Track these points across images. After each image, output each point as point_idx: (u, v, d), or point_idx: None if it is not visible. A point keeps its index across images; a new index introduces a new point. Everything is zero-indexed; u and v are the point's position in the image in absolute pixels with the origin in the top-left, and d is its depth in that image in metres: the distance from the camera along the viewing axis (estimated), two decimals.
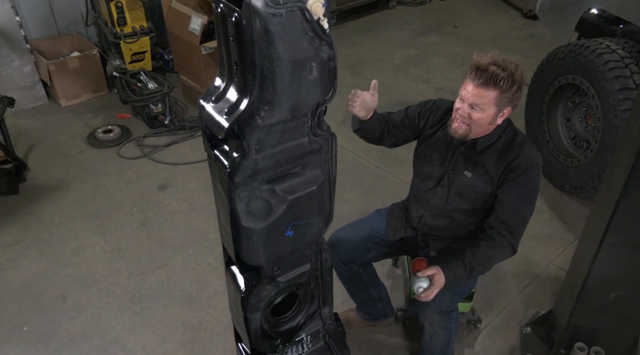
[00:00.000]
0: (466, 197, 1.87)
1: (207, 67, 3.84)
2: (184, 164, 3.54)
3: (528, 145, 1.79)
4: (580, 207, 3.09)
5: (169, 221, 3.04)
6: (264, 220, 1.54)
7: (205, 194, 3.25)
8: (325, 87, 1.42)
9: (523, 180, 1.75)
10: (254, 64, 1.28)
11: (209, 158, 1.56)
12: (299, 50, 1.31)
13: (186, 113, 4.15)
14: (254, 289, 1.72)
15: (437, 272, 1.77)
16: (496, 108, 1.69)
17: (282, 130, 1.43)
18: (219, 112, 1.38)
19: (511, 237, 1.79)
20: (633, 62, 2.59)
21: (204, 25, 3.73)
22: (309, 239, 1.70)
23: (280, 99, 1.35)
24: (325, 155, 1.58)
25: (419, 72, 4.76)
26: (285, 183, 1.55)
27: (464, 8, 6.24)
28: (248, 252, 1.59)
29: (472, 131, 1.75)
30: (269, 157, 1.45)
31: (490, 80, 1.63)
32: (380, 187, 3.24)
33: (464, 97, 1.71)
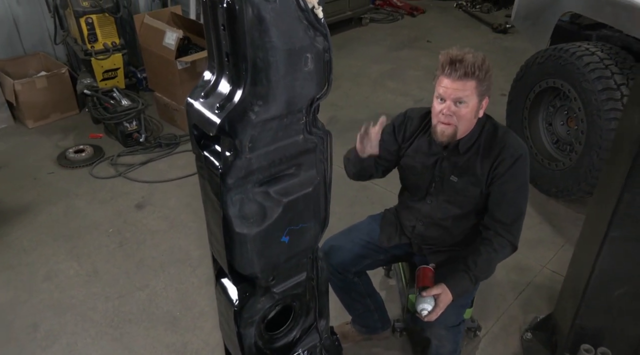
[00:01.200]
0: (456, 202, 1.81)
1: (183, 82, 3.74)
2: (161, 182, 3.40)
3: (511, 137, 1.75)
4: (567, 211, 3.08)
5: (148, 241, 2.89)
6: (258, 225, 1.45)
7: (185, 212, 3.11)
8: (320, 81, 1.35)
9: (512, 174, 1.71)
10: (247, 55, 1.20)
11: (197, 161, 1.46)
12: (294, 39, 1.24)
13: (162, 131, 4.02)
14: (248, 301, 1.61)
15: (442, 292, 1.69)
16: (477, 98, 1.65)
17: (277, 128, 1.35)
18: (210, 107, 1.29)
19: (509, 235, 1.74)
20: (612, 63, 2.63)
21: (179, 39, 3.64)
22: (305, 245, 1.60)
23: (275, 92, 1.27)
24: (321, 155, 1.50)
25: (395, 85, 4.77)
26: (280, 185, 1.46)
27: (435, 24, 6.34)
28: (242, 260, 1.48)
29: (459, 129, 1.69)
30: (263, 157, 1.37)
31: (468, 70, 1.59)
32: (367, 198, 3.18)
33: (444, 95, 1.64)
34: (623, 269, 1.73)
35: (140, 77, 4.54)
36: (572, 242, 2.84)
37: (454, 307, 1.75)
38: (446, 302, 1.69)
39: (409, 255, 2.01)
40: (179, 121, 3.97)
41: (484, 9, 6.64)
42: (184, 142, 3.85)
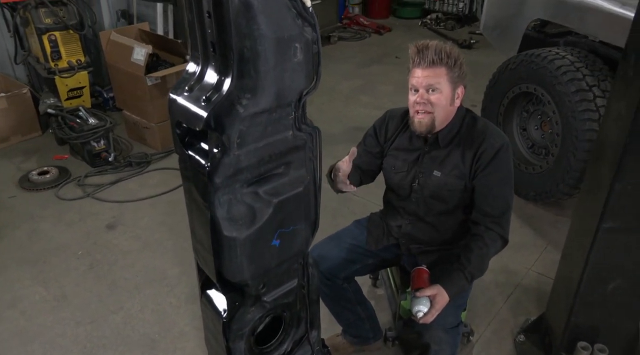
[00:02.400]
0: (441, 197, 1.78)
1: (153, 98, 3.64)
2: (133, 201, 3.26)
3: (491, 128, 1.75)
4: (546, 213, 3.10)
5: (120, 262, 2.73)
6: (247, 227, 1.36)
7: (159, 230, 2.98)
8: (309, 73, 1.30)
9: (495, 165, 1.69)
10: (234, 44, 1.14)
11: (181, 163, 1.37)
12: (283, 28, 1.19)
13: (132, 150, 3.88)
14: (237, 311, 1.51)
15: (438, 293, 1.64)
16: (450, 85, 1.64)
17: (266, 122, 1.29)
18: (195, 101, 1.22)
19: (498, 228, 1.72)
20: (583, 66, 2.69)
21: (148, 55, 3.55)
22: (296, 249, 1.53)
23: (264, 83, 1.21)
24: (310, 153, 1.44)
25: (368, 99, 4.79)
26: (269, 185, 1.39)
27: (402, 41, 6.45)
28: (231, 266, 1.39)
29: (436, 118, 1.68)
30: (252, 153, 1.30)
31: (436, 56, 1.59)
32: (348, 209, 3.12)
33: (417, 84, 1.64)
34: (616, 262, 1.72)
35: (106, 96, 4.40)
36: (553, 243, 2.86)
37: (452, 308, 1.70)
38: (442, 303, 1.64)
39: (397, 258, 1.96)
40: (149, 140, 3.85)
41: (448, 26, 6.82)
42: (155, 160, 3.72)
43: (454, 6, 7.05)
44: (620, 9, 2.50)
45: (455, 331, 1.72)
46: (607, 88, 2.63)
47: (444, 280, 1.67)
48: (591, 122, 2.60)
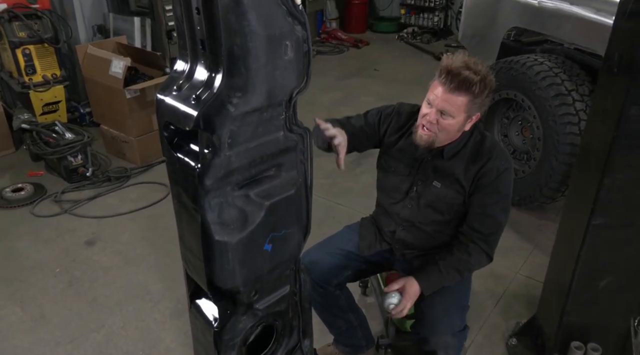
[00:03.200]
0: (438, 208, 1.75)
1: (132, 111, 3.57)
2: (112, 216, 3.17)
3: (498, 149, 1.69)
4: (529, 218, 3.13)
5: (101, 278, 2.64)
6: (239, 231, 1.33)
7: (141, 245, 2.89)
8: (300, 72, 1.28)
9: (495, 186, 1.66)
10: (224, 41, 1.12)
11: (169, 166, 1.33)
12: (274, 25, 1.17)
13: (110, 165, 3.79)
14: (229, 320, 1.46)
15: (406, 283, 1.66)
16: (466, 114, 1.58)
17: (257, 122, 1.26)
18: (185, 100, 1.18)
19: (485, 245, 1.70)
20: (561, 71, 2.75)
21: (127, 68, 3.50)
22: (288, 254, 1.49)
23: (255, 81, 1.19)
24: (301, 154, 1.42)
25: (349, 110, 4.74)
26: (261, 187, 1.36)
27: (379, 55, 6.53)
28: (223, 272, 1.35)
29: (437, 138, 1.64)
30: (243, 154, 1.27)
31: (462, 84, 1.51)
32: (333, 218, 3.09)
33: (433, 102, 1.58)
34: (607, 258, 1.73)
35: (83, 111, 4.31)
36: (539, 247, 2.88)
37: (457, 311, 1.69)
38: (412, 292, 1.66)
39: (390, 263, 1.93)
40: (128, 154, 3.77)
41: (424, 39, 6.93)
42: (135, 175, 3.64)
43: (429, 20, 7.18)
44: (595, 15, 2.56)
45: (462, 335, 1.69)
46: (585, 92, 2.69)
47: (417, 274, 1.69)
48: (571, 125, 2.65)
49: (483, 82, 1.53)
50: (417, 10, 7.26)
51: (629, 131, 1.49)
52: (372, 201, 2.09)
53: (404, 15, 7.43)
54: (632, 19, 1.41)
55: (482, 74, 1.53)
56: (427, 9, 7.14)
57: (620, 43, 1.48)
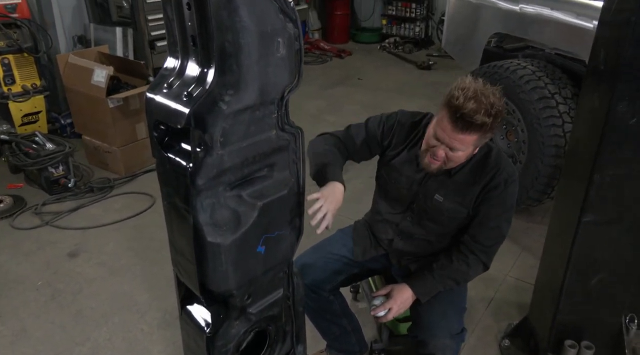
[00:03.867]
0: (439, 221, 1.72)
1: (115, 121, 3.51)
2: (96, 227, 3.09)
3: (504, 161, 1.64)
4: (516, 221, 3.08)
5: (85, 290, 2.57)
6: (232, 232, 1.30)
7: (126, 256, 2.83)
8: (292, 70, 1.27)
9: (501, 199, 1.62)
10: (216, 37, 1.10)
11: (159, 167, 1.30)
12: (266, 21, 1.16)
13: (93, 176, 3.71)
14: (222, 325, 1.42)
15: (393, 288, 1.66)
16: (474, 147, 1.55)
17: (249, 120, 1.24)
18: (176, 98, 1.16)
19: (485, 256, 1.69)
20: (544, 75, 2.79)
21: (109, 76, 3.45)
22: (281, 256, 1.47)
23: (247, 78, 1.17)
24: (293, 154, 1.40)
25: (334, 118, 4.81)
26: (253, 187, 1.34)
27: (362, 64, 6.58)
28: (215, 275, 1.32)
29: (446, 167, 1.60)
30: (235, 154, 1.25)
31: (473, 126, 1.43)
32: None
33: (441, 139, 1.51)
34: (598, 255, 1.74)
35: (64, 123, 4.23)
36: (527, 249, 2.90)
37: (454, 313, 1.68)
38: (400, 296, 1.65)
39: (385, 268, 1.91)
40: (111, 164, 3.70)
41: (406, 49, 7.01)
42: (118, 185, 3.57)
43: (410, 30, 7.27)
44: (575, 19, 2.62)
45: (460, 338, 1.66)
46: (568, 95, 2.73)
47: (410, 279, 1.68)
48: (555, 127, 2.68)
49: (497, 119, 1.46)
50: (399, 21, 7.36)
51: (616, 127, 1.51)
52: (362, 206, 2.08)
53: (386, 26, 7.52)
54: (617, 16, 1.43)
55: (495, 112, 1.44)
56: (408, 19, 7.23)
57: (606, 41, 1.51)
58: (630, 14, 1.34)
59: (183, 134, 1.23)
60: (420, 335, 1.64)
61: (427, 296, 1.67)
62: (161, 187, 1.34)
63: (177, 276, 1.48)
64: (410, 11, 7.15)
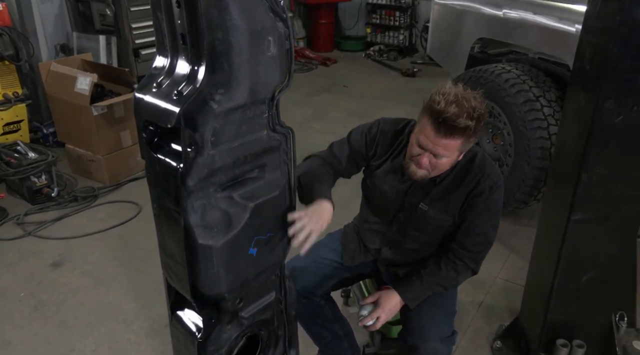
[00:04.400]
0: (425, 230, 1.71)
1: (100, 129, 3.46)
2: (80, 237, 3.03)
3: (489, 166, 1.62)
4: (504, 224, 3.15)
5: (69, 300, 2.51)
6: (224, 234, 1.28)
7: (112, 265, 2.77)
8: (282, 69, 1.27)
9: (487, 205, 1.61)
10: (206, 34, 1.09)
11: (149, 169, 1.28)
12: (256, 19, 1.15)
13: (76, 185, 3.65)
14: (214, 330, 1.39)
15: (380, 295, 1.66)
16: (459, 152, 1.52)
17: (240, 120, 1.23)
18: (166, 97, 1.15)
19: (473, 263, 1.69)
20: (528, 78, 2.83)
21: (93, 84, 3.40)
22: (273, 259, 1.45)
23: (238, 77, 1.16)
24: (284, 155, 1.39)
25: (320, 126, 4.81)
26: (244, 188, 1.33)
27: (347, 72, 6.61)
28: (207, 278, 1.29)
29: (432, 174, 1.57)
30: (226, 154, 1.23)
31: (456, 131, 1.41)
32: None
33: (425, 146, 1.48)
34: (588, 253, 1.75)
35: (46, 132, 4.17)
36: (515, 251, 2.91)
37: (444, 317, 1.67)
38: (388, 303, 1.65)
39: (375, 272, 1.90)
40: (96, 173, 3.64)
41: (391, 57, 7.07)
42: (103, 194, 3.51)
43: (394, 38, 7.34)
44: (558, 23, 2.66)
45: (450, 341, 1.65)
46: (552, 98, 2.77)
47: (398, 286, 1.68)
48: (541, 130, 2.71)
49: (479, 123, 1.44)
50: (383, 29, 7.42)
51: (602, 126, 1.53)
52: (349, 212, 2.07)
53: (370, 34, 7.58)
54: (602, 15, 1.46)
55: (477, 115, 1.42)
56: (392, 27, 7.30)
57: (591, 40, 1.53)
58: (615, 13, 1.37)
59: (173, 134, 1.21)
60: (410, 339, 1.62)
61: (415, 302, 1.66)
62: (150, 190, 1.32)
63: (167, 281, 1.46)
64: (394, 19, 7.22)
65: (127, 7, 4.49)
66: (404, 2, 7.08)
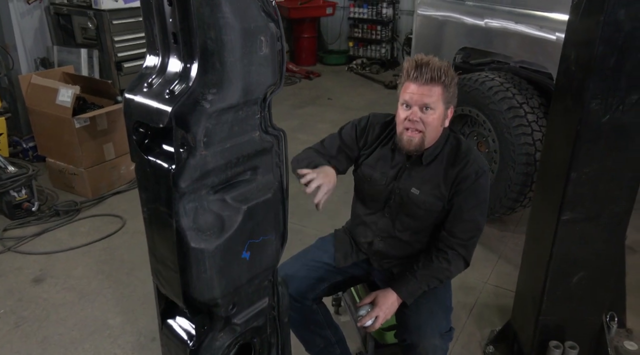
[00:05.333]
0: (417, 215, 1.72)
1: (82, 141, 3.40)
2: (63, 251, 2.96)
3: (474, 153, 1.69)
4: (490, 230, 3.19)
5: (52, 316, 2.43)
6: (216, 237, 1.26)
7: (96, 279, 2.70)
8: (274, 69, 1.26)
9: (473, 190, 1.65)
10: (199, 33, 1.08)
11: (139, 172, 1.25)
12: (249, 18, 1.15)
13: (57, 200, 3.57)
14: (206, 337, 1.36)
15: (377, 295, 1.67)
16: (444, 106, 1.60)
17: (233, 121, 1.22)
18: (157, 96, 1.13)
19: (464, 250, 1.70)
20: (511, 86, 2.88)
21: (75, 96, 3.35)
22: (266, 263, 1.43)
23: (230, 76, 1.16)
24: (277, 157, 1.38)
25: (307, 137, 4.80)
26: (237, 191, 1.31)
27: (332, 85, 6.65)
28: (199, 283, 1.26)
29: (426, 137, 1.62)
30: (219, 154, 1.22)
31: (435, 73, 1.54)
32: (300, 241, 3.01)
33: (411, 101, 1.58)
34: (578, 253, 1.76)
35: (26, 146, 4.08)
36: (503, 257, 2.93)
37: (441, 312, 1.67)
38: (386, 304, 1.64)
39: (367, 274, 1.89)
40: (78, 187, 3.57)
41: (373, 70, 7.14)
42: (85, 208, 3.44)
43: (377, 52, 7.42)
44: (538, 31, 2.72)
45: (449, 336, 1.65)
46: (535, 105, 2.82)
47: (394, 283, 1.68)
48: (525, 136, 2.75)
49: (450, 71, 1.59)
50: (365, 43, 7.51)
51: (590, 125, 1.55)
52: (337, 221, 2.06)
53: (352, 48, 7.66)
54: (586, 16, 1.49)
55: (447, 68, 1.58)
56: (374, 41, 7.39)
57: (576, 41, 1.56)
58: (599, 14, 1.40)
59: (164, 135, 1.20)
60: (409, 338, 1.61)
61: (412, 297, 1.66)
62: (140, 194, 1.29)
63: (157, 288, 1.42)
64: (376, 34, 7.31)
65: (109, 20, 4.47)
66: (385, 16, 7.19)
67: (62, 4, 4.82)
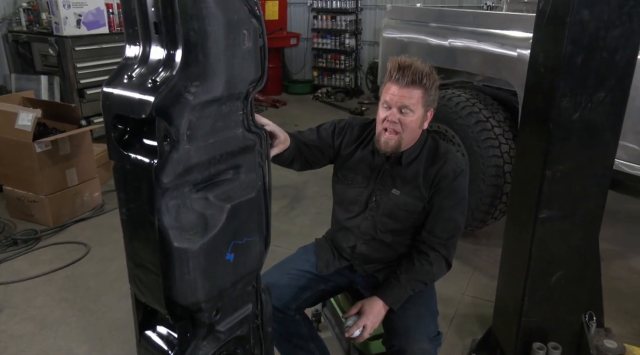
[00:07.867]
0: (396, 216, 1.73)
1: (43, 167, 3.26)
2: (22, 281, 2.78)
3: (452, 153, 1.73)
4: (464, 244, 3.21)
5: (11, 348, 2.25)
6: (200, 237, 1.21)
7: (59, 308, 2.54)
8: (257, 65, 1.26)
9: (452, 189, 1.68)
10: (181, 22, 1.07)
11: (117, 171, 1.20)
12: (232, 9, 1.15)
13: (15, 229, 3.38)
14: (189, 346, 1.28)
15: (362, 304, 1.65)
16: (423, 109, 1.63)
17: (216, 115, 1.21)
18: (139, 87, 1.10)
19: (445, 250, 1.71)
20: (477, 101, 2.97)
21: (36, 120, 3.24)
22: (250, 266, 1.39)
23: (214, 68, 1.15)
24: (259, 157, 1.36)
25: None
26: (220, 189, 1.28)
27: (298, 112, 6.71)
28: (182, 285, 1.21)
29: (404, 139, 1.64)
30: (202, 150, 1.19)
31: (416, 76, 1.57)
32: (274, 260, 2.94)
33: (391, 102, 1.60)
34: (556, 251, 1.79)
35: None
36: (479, 269, 2.95)
37: (429, 316, 1.66)
38: (371, 311, 1.62)
39: (350, 282, 1.85)
40: (38, 215, 3.40)
41: (338, 98, 7.26)
42: (46, 236, 3.27)
43: (341, 81, 7.57)
44: (500, 49, 2.84)
45: (437, 341, 1.63)
46: (500, 119, 2.91)
47: (379, 291, 1.66)
48: (493, 148, 2.83)
49: (432, 74, 1.61)
50: (329, 72, 7.66)
51: (562, 122, 1.61)
52: (311, 240, 2.03)
53: (317, 77, 7.79)
54: (551, 20, 1.56)
55: (428, 71, 1.60)
56: (338, 70, 7.55)
57: (543, 44, 1.63)
58: (566, 16, 1.47)
59: (145, 129, 1.16)
60: (397, 343, 1.57)
61: (398, 303, 1.64)
62: (118, 194, 1.23)
63: (134, 297, 1.34)
64: (340, 63, 7.48)
65: (71, 47, 4.39)
66: (348, 46, 7.37)
67: (20, 32, 4.72)
